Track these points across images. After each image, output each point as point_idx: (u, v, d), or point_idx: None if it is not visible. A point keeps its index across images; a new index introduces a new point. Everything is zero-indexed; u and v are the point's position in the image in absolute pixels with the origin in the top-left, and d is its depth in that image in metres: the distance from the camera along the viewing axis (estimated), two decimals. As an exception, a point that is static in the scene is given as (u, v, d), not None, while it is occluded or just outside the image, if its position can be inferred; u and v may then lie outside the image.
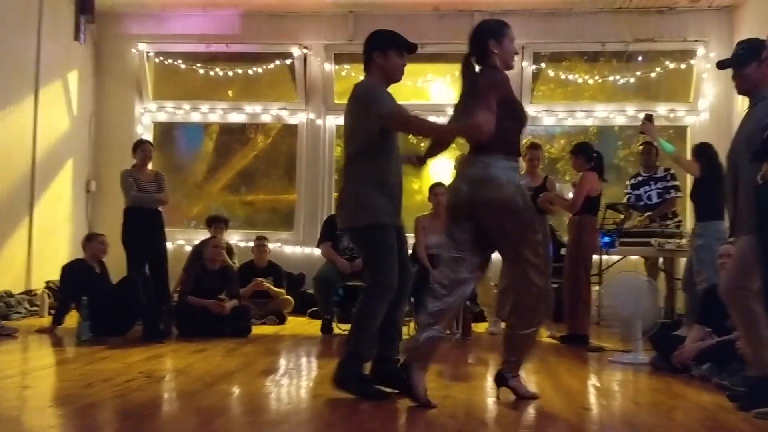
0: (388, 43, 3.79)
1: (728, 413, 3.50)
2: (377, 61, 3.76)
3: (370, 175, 3.66)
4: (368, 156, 3.67)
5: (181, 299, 6.18)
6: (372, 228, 3.65)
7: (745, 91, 3.82)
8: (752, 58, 3.66)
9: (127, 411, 3.33)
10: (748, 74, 3.71)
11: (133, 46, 8.87)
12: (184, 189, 9.27)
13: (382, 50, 3.77)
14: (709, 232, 5.65)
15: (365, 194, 3.66)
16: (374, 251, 3.67)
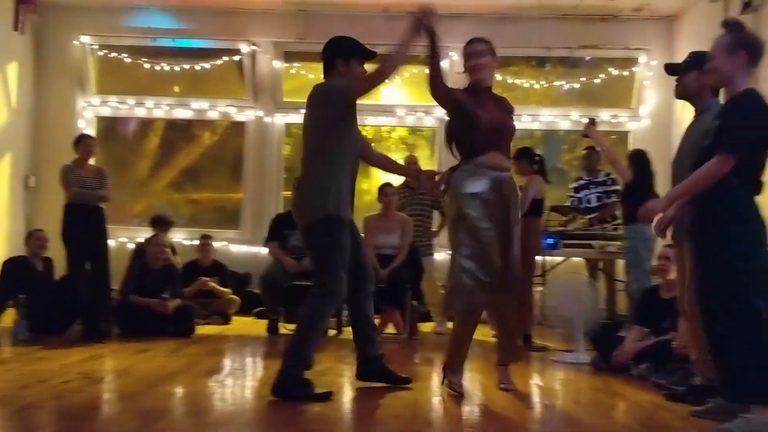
0: (351, 51, 3.88)
1: (665, 412, 3.61)
2: (340, 68, 3.83)
3: (328, 172, 3.69)
4: (325, 154, 3.71)
5: (123, 298, 6.05)
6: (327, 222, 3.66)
7: (682, 97, 3.97)
8: (695, 67, 3.79)
9: (65, 413, 3.25)
10: (687, 82, 3.86)
11: (75, 39, 8.63)
12: (128, 186, 9.06)
13: (345, 58, 3.85)
14: (635, 234, 5.89)
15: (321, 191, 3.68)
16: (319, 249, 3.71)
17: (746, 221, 3.18)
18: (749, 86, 3.31)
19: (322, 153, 3.72)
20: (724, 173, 3.16)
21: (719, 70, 3.34)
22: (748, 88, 3.29)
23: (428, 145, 9.14)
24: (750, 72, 3.32)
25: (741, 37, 3.33)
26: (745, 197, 3.20)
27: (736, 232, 3.16)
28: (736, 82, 3.30)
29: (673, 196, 3.19)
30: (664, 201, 3.20)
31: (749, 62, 3.28)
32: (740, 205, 3.18)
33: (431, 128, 8.90)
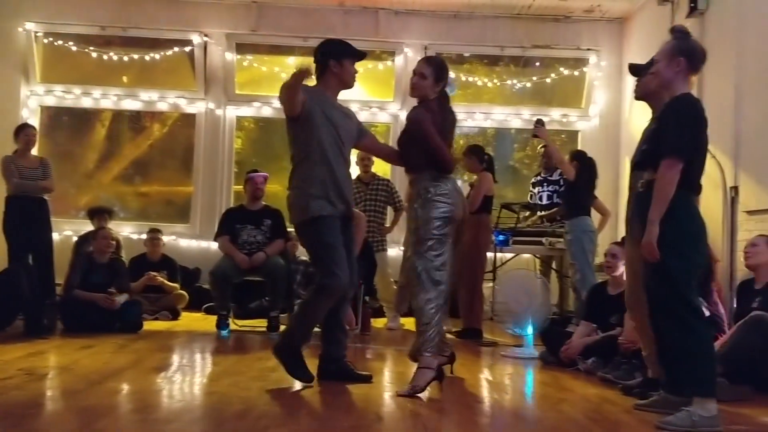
0: (344, 53, 3.98)
1: (611, 405, 3.68)
2: (334, 70, 3.93)
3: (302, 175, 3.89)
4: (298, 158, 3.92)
5: (68, 293, 5.89)
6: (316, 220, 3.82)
7: (640, 97, 4.04)
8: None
9: (4, 411, 3.13)
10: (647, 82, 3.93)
11: (20, 25, 8.37)
12: (73, 178, 8.84)
13: (338, 59, 3.94)
14: (576, 227, 6.12)
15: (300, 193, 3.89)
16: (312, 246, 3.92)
17: (681, 221, 3.27)
18: (687, 91, 3.43)
19: (296, 157, 3.92)
20: (675, 176, 3.23)
21: (660, 75, 3.48)
22: (684, 93, 3.41)
23: (383, 140, 9.12)
24: (688, 78, 3.45)
25: (682, 45, 3.45)
26: (683, 198, 3.29)
27: (672, 232, 3.24)
28: (674, 86, 3.43)
29: (654, 218, 3.25)
30: (652, 228, 3.26)
31: (688, 68, 3.42)
32: (677, 206, 3.26)
33: (385, 124, 8.91)
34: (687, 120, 3.32)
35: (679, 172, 3.24)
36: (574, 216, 6.19)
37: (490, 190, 6.19)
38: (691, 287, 3.31)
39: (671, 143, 3.28)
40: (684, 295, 3.25)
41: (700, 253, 3.38)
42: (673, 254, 3.24)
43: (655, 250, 3.23)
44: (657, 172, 3.29)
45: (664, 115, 3.42)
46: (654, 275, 3.32)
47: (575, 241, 6.14)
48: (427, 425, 3.18)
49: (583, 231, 6.11)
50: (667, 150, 3.27)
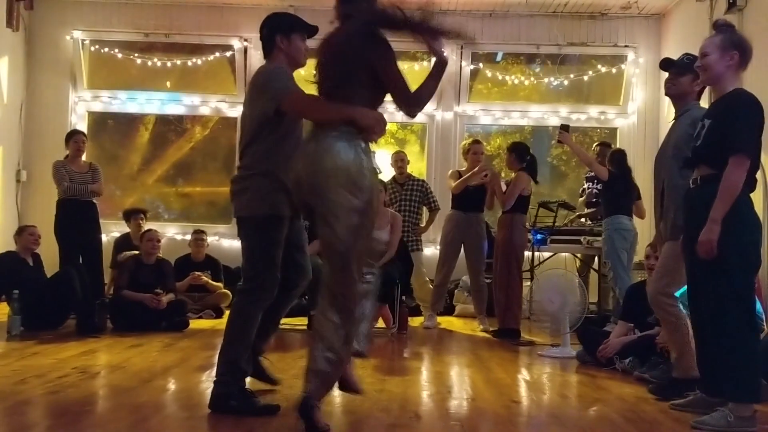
0: (291, 27, 3.54)
1: (648, 405, 3.71)
2: (280, 45, 3.48)
3: (267, 164, 3.34)
4: (265, 143, 3.34)
5: (117, 293, 6.10)
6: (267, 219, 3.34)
7: (671, 95, 4.03)
8: (690, 70, 3.83)
9: (60, 408, 3.31)
10: (681, 82, 3.91)
11: (67, 34, 8.64)
12: (119, 180, 9.10)
13: (286, 34, 3.50)
14: (610, 226, 6.18)
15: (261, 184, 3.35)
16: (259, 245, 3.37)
17: (744, 220, 3.23)
18: (739, 86, 3.36)
19: (260, 143, 3.35)
20: (743, 174, 3.19)
21: (712, 69, 3.36)
22: (738, 88, 3.34)
23: (418, 141, 9.21)
24: (738, 73, 3.37)
25: (734, 38, 3.36)
26: (744, 196, 3.24)
27: (735, 231, 3.18)
28: (726, 81, 3.34)
29: (718, 217, 3.17)
30: (715, 226, 3.20)
31: (740, 62, 3.33)
32: (740, 204, 3.21)
33: (421, 123, 8.97)
34: (751, 116, 3.25)
35: (746, 170, 3.19)
36: (609, 214, 6.23)
37: (525, 190, 6.21)
38: (750, 287, 3.27)
39: (738, 141, 3.19)
40: (742, 295, 3.20)
41: (758, 253, 3.33)
42: (735, 253, 3.18)
43: (714, 248, 3.15)
44: (723, 170, 3.19)
45: (721, 111, 3.32)
46: (707, 272, 3.25)
47: (607, 240, 6.20)
48: (464, 425, 3.26)
49: (615, 229, 6.14)
50: (734, 148, 3.19)
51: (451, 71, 8.64)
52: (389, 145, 9.00)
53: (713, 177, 3.25)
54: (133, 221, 7.44)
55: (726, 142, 3.23)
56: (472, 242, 6.66)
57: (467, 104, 8.76)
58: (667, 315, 3.87)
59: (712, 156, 3.29)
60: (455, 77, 8.63)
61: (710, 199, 3.22)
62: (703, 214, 3.23)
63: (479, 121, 8.90)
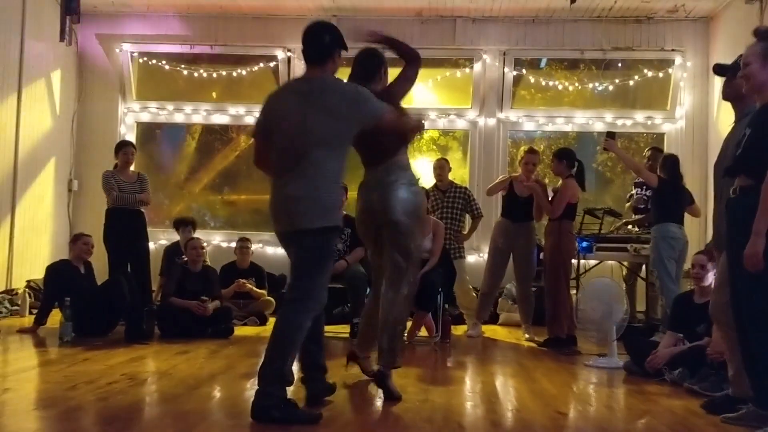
0: (344, 45, 3.61)
1: (697, 418, 3.62)
2: (336, 59, 3.55)
3: (336, 174, 3.48)
4: (338, 154, 3.48)
5: (164, 300, 6.21)
6: (329, 230, 3.45)
7: (728, 98, 3.95)
8: None
9: (110, 415, 3.38)
10: (736, 85, 3.83)
11: (117, 47, 8.87)
12: (166, 189, 9.29)
13: (342, 49, 3.59)
14: (657, 233, 6.04)
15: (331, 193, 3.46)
16: (320, 257, 3.45)
17: None
18: None
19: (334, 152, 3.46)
20: None
21: (754, 78, 3.35)
22: None
23: (460, 147, 9.18)
24: None
25: None
26: None
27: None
28: (767, 89, 3.31)
29: (761, 229, 3.14)
30: (758, 239, 3.17)
31: None
32: None
33: (463, 130, 8.95)
34: None
35: None
36: (657, 221, 6.11)
37: (574, 197, 6.12)
38: None
39: None
40: None
41: None
42: None
43: (761, 261, 3.12)
44: (759, 179, 3.17)
45: (762, 121, 3.30)
46: (750, 286, 3.23)
47: (654, 248, 6.08)
48: (508, 436, 3.23)
49: (662, 237, 6.01)
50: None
51: (493, 77, 8.61)
52: (431, 152, 9.00)
53: (752, 188, 3.23)
54: (182, 231, 7.56)
55: (764, 152, 3.19)
56: (521, 251, 6.59)
57: (510, 110, 8.70)
58: (728, 328, 3.77)
59: (751, 166, 3.26)
60: (498, 83, 8.59)
61: (749, 210, 3.20)
62: (742, 225, 3.22)
63: (522, 127, 8.84)
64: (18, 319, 6.76)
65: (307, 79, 3.56)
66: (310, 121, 3.42)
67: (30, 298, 7.27)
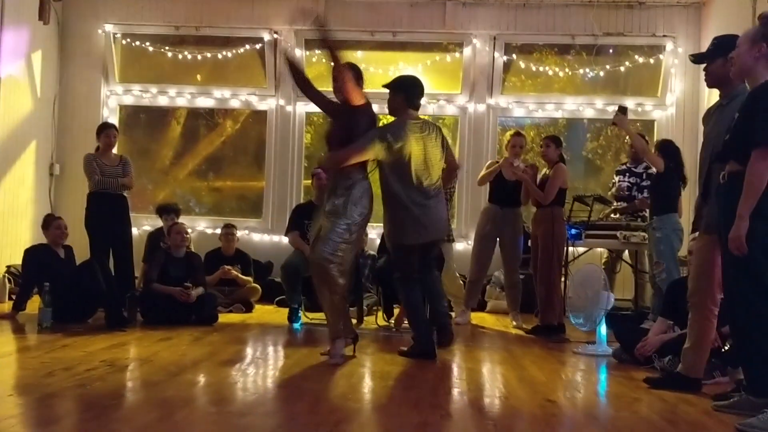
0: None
1: (688, 405, 3.57)
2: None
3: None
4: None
5: (146, 286, 6.10)
6: None
7: (712, 86, 3.91)
8: (720, 54, 3.73)
9: (88, 401, 3.28)
10: (713, 70, 3.80)
11: (99, 27, 8.69)
12: (150, 174, 9.14)
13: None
14: (667, 225, 5.79)
15: None
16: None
17: (764, 214, 3.16)
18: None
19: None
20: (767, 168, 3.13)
21: (739, 59, 3.37)
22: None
23: (450, 133, 9.08)
24: None
25: (766, 30, 3.31)
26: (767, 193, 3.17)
27: (761, 227, 3.14)
28: (757, 74, 3.30)
29: (744, 212, 3.14)
30: (742, 222, 3.15)
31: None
32: (762, 200, 3.15)
33: (453, 116, 8.86)
34: None
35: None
36: (664, 212, 5.82)
37: (565, 183, 6.07)
38: None
39: (760, 133, 3.14)
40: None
41: None
42: (761, 249, 3.14)
43: (744, 245, 3.13)
44: (747, 164, 3.16)
45: (748, 105, 3.28)
46: (737, 271, 3.23)
47: (664, 240, 5.74)
48: (497, 424, 3.16)
49: (673, 229, 5.76)
50: (757, 140, 3.14)
51: (483, 62, 8.51)
52: (421, 139, 8.89)
53: (741, 173, 3.20)
54: (165, 218, 7.44)
55: (749, 136, 3.17)
56: (508, 237, 6.53)
57: (500, 96, 8.61)
58: (700, 317, 3.79)
59: (741, 152, 3.23)
60: (488, 69, 8.49)
61: (739, 196, 3.18)
62: (731, 211, 3.20)
63: (512, 113, 8.75)
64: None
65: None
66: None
67: (9, 283, 7.13)
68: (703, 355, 3.84)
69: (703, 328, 3.78)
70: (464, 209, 8.47)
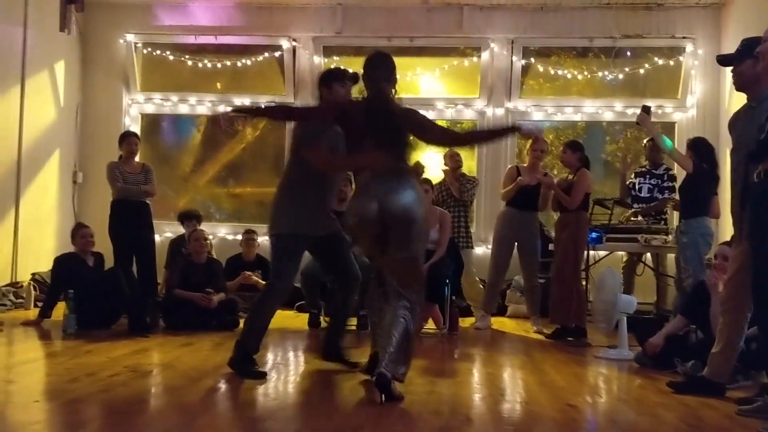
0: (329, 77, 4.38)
1: (711, 410, 3.54)
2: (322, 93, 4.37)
3: None
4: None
5: (168, 292, 6.15)
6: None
7: (741, 88, 3.85)
8: (749, 55, 3.68)
9: (112, 406, 3.32)
10: (743, 71, 3.74)
11: (120, 37, 8.80)
12: (172, 181, 9.23)
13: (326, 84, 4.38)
14: (694, 229, 5.57)
15: None
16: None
17: None
18: None
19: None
20: None
21: (765, 57, 3.35)
22: None
23: (469, 138, 9.07)
24: None
25: None
26: None
27: None
28: None
29: None
30: None
31: None
32: None
33: (471, 121, 8.85)
34: None
35: None
36: (693, 215, 5.56)
37: (589, 187, 6.05)
38: None
39: None
40: None
41: None
42: None
43: None
44: None
45: None
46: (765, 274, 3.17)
47: (691, 245, 5.50)
48: (517, 429, 3.15)
49: (701, 234, 5.52)
50: None
51: (501, 66, 8.50)
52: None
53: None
54: (187, 225, 7.50)
55: None
56: (526, 241, 6.51)
57: (518, 100, 8.60)
58: (732, 322, 3.74)
59: None
60: (506, 72, 8.48)
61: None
62: (766, 209, 3.16)
63: (531, 117, 8.72)
64: (23, 312, 6.71)
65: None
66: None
67: (35, 290, 7.22)
68: (731, 361, 3.79)
69: (733, 334, 3.72)
70: (483, 214, 8.45)
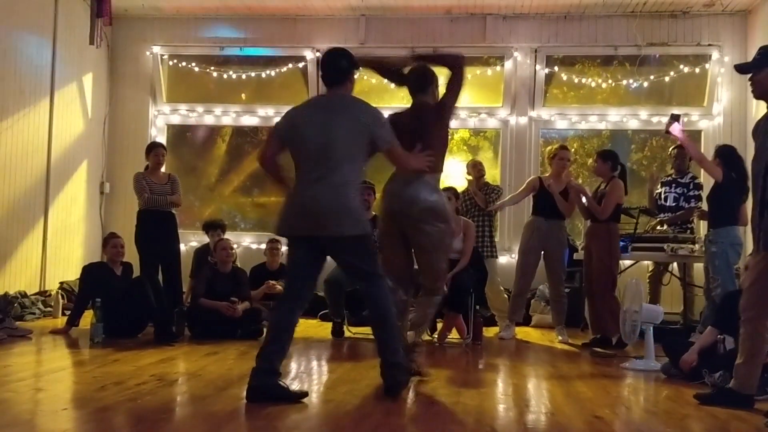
0: (357, 65, 3.98)
1: (740, 422, 3.48)
2: (352, 80, 3.93)
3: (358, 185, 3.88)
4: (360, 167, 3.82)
5: (194, 301, 6.21)
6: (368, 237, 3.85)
7: (759, 96, 3.82)
8: (766, 63, 3.66)
9: (139, 415, 3.36)
10: (761, 80, 3.72)
11: (147, 49, 8.93)
12: (197, 191, 9.32)
13: (357, 69, 3.96)
14: (723, 238, 5.54)
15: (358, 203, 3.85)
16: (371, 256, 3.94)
17: None
18: None
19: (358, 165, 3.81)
20: None
21: None
22: None
23: (491, 147, 9.07)
24: None
25: None
26: None
27: None
28: None
29: None
30: None
31: None
32: None
33: (494, 129, 8.84)
34: None
35: None
36: (722, 224, 5.51)
37: (620, 198, 6.00)
38: None
39: None
40: None
41: None
42: None
43: None
44: None
45: None
46: None
47: (720, 255, 5.48)
48: (543, 440, 3.13)
49: (731, 244, 5.47)
50: None
51: (525, 75, 8.49)
52: (462, 153, 8.90)
53: None
54: (212, 234, 7.56)
55: None
56: (553, 250, 6.47)
57: (542, 109, 8.58)
58: (753, 333, 3.70)
59: None
60: (529, 81, 8.47)
61: None
62: None
63: (555, 125, 8.70)
64: (51, 321, 6.81)
65: (330, 96, 3.88)
66: (334, 131, 3.70)
67: (63, 299, 7.33)
68: (756, 371, 3.75)
69: (756, 344, 3.69)
70: (507, 223, 8.42)
